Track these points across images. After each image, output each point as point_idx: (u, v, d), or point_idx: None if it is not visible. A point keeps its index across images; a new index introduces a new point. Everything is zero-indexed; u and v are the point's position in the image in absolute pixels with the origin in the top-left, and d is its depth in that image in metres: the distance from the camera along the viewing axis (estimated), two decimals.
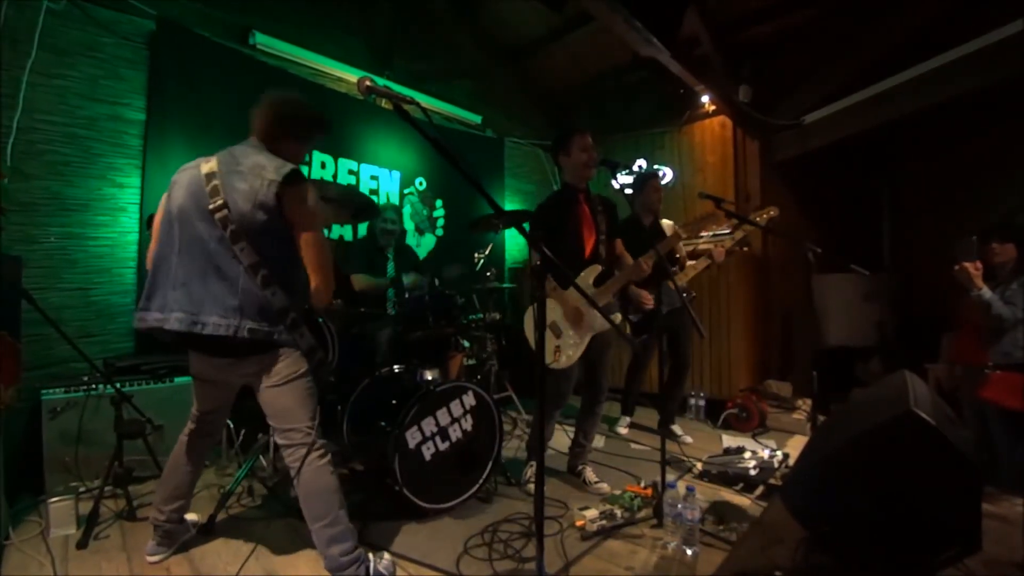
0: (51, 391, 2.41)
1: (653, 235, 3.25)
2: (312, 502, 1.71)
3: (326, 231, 3.83)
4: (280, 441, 1.74)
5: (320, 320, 2.52)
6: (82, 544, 1.96)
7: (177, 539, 1.96)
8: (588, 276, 2.46)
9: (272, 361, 1.69)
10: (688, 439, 3.34)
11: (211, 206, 1.61)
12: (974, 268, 2.49)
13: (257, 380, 1.72)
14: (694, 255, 3.31)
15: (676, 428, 3.42)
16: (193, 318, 1.58)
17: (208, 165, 1.69)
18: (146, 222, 2.15)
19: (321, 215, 1.77)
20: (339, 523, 1.70)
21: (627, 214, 3.42)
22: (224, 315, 1.58)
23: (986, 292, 2.46)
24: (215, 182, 1.64)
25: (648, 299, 2.82)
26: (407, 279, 3.17)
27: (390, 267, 3.40)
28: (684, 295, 2.31)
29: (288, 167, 1.65)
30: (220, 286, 1.60)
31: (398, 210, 3.81)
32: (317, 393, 1.79)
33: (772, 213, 2.78)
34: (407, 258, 3.60)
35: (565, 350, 2.39)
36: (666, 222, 3.50)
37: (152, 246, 1.77)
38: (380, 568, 1.75)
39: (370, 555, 1.78)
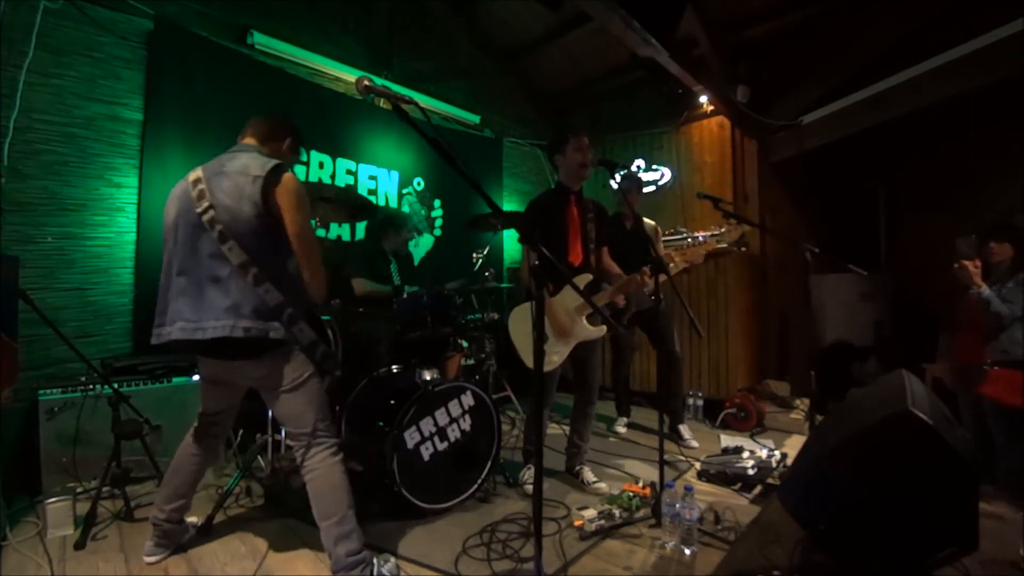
0: (48, 391, 2.40)
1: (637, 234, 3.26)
2: (322, 500, 1.72)
3: (324, 231, 3.83)
4: (291, 442, 1.78)
5: (320, 316, 2.53)
6: (80, 545, 1.96)
7: (175, 540, 1.95)
8: (578, 285, 2.44)
9: (280, 365, 1.71)
10: (695, 443, 3.24)
11: (198, 210, 1.64)
12: (973, 266, 2.51)
13: (266, 384, 1.75)
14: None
15: (684, 430, 3.33)
16: (195, 325, 1.62)
17: (195, 174, 1.73)
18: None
19: (308, 208, 1.77)
20: (347, 522, 1.72)
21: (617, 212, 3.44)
22: (219, 317, 1.60)
23: (985, 290, 2.49)
24: (201, 187, 1.67)
25: (621, 299, 2.83)
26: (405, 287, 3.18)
27: (393, 267, 3.41)
28: (654, 298, 2.31)
29: (272, 163, 1.69)
30: (214, 290, 1.62)
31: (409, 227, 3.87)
32: (324, 391, 1.81)
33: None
34: (406, 262, 3.61)
35: (550, 355, 2.39)
36: (648, 222, 3.49)
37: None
38: (384, 571, 1.75)
39: (374, 558, 1.77)
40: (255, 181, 1.63)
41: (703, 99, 4.64)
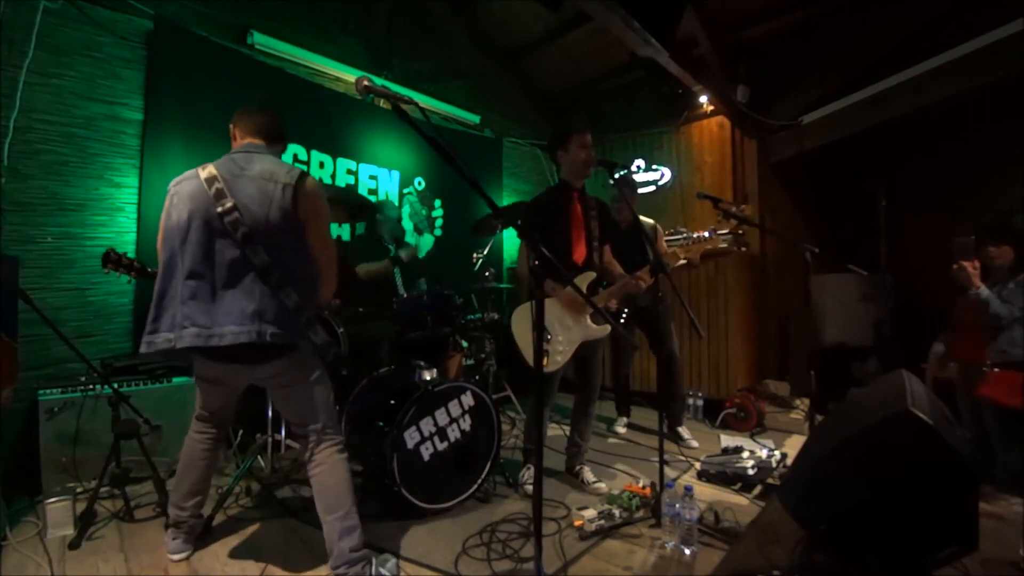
0: (48, 391, 2.40)
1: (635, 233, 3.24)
2: (328, 494, 1.74)
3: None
4: (296, 440, 1.83)
5: (326, 316, 2.58)
6: (74, 544, 1.95)
7: (196, 534, 1.96)
8: (581, 284, 2.44)
9: (288, 364, 1.70)
10: (694, 443, 3.25)
11: (219, 210, 1.60)
12: (972, 267, 2.50)
13: (275, 383, 1.76)
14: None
15: (683, 431, 3.34)
16: (208, 331, 1.57)
17: (206, 171, 1.68)
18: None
19: (329, 212, 1.82)
20: (352, 518, 1.73)
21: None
22: (242, 322, 1.57)
23: (984, 291, 2.48)
24: (218, 186, 1.63)
25: (614, 302, 2.83)
26: (402, 252, 3.18)
27: (392, 249, 3.41)
28: (657, 296, 2.32)
29: (297, 170, 1.72)
30: (234, 294, 1.59)
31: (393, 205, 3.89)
32: (332, 389, 1.84)
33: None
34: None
35: (553, 355, 2.38)
36: (647, 221, 3.48)
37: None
38: (384, 571, 1.75)
39: (374, 558, 1.77)
40: (285, 189, 1.66)
41: (703, 99, 4.64)
